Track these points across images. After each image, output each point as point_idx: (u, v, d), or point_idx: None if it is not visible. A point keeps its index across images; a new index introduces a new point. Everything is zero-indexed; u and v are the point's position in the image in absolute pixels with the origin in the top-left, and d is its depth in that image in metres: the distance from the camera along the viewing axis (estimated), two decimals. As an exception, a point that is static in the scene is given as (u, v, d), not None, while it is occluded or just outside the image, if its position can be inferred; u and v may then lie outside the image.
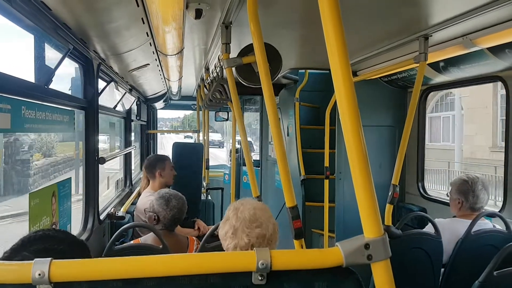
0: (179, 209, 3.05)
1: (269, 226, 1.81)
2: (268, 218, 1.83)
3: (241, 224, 1.80)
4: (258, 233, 1.78)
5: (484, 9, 2.33)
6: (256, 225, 1.79)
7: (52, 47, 2.44)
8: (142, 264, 1.03)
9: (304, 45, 3.77)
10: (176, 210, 3.03)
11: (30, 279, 0.96)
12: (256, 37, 1.90)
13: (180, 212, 3.06)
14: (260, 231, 1.79)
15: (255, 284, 1.04)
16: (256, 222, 1.80)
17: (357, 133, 1.08)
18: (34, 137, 7.65)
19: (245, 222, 1.80)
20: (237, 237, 1.80)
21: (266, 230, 1.80)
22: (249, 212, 1.82)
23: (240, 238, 1.79)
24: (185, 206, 3.12)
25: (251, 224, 1.79)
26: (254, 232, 1.78)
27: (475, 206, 3.03)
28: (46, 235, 1.40)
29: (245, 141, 2.83)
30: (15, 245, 1.36)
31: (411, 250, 2.91)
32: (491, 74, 3.41)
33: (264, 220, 1.81)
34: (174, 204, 3.04)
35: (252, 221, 1.80)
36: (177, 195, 3.12)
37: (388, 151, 4.76)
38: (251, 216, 1.81)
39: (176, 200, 3.06)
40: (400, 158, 3.16)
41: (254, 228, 1.79)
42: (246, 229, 1.79)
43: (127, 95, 5.11)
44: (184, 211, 3.11)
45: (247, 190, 7.62)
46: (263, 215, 1.83)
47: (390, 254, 1.06)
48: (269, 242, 1.80)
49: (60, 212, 2.55)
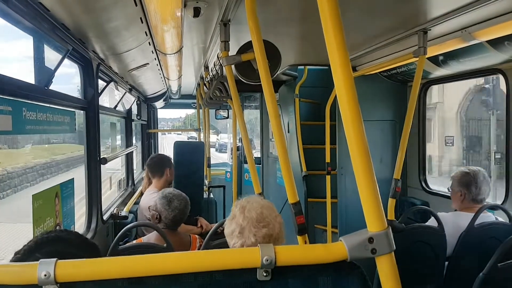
0: (180, 210, 3.04)
1: (275, 226, 1.81)
2: (274, 217, 1.83)
3: (248, 224, 1.79)
4: (265, 233, 1.78)
5: (483, 2, 2.32)
6: (263, 224, 1.79)
7: (51, 48, 2.44)
8: (147, 263, 1.03)
9: (303, 41, 3.77)
10: (177, 211, 3.03)
11: (36, 280, 0.96)
12: (254, 34, 1.90)
13: (181, 213, 3.05)
14: (267, 231, 1.78)
15: (260, 280, 1.05)
16: (263, 221, 1.79)
17: (358, 128, 1.08)
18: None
19: (252, 222, 1.79)
20: (244, 236, 1.79)
21: (273, 229, 1.79)
22: (256, 211, 1.81)
23: (247, 237, 1.78)
24: (187, 207, 3.11)
25: (258, 223, 1.79)
26: (261, 232, 1.78)
27: (477, 198, 3.03)
28: (58, 237, 1.41)
29: (246, 139, 2.83)
30: (27, 246, 1.37)
31: (414, 243, 2.92)
32: (491, 67, 3.41)
33: (271, 219, 1.81)
34: (176, 205, 3.03)
35: (259, 221, 1.79)
36: (180, 195, 3.12)
37: (389, 146, 4.76)
38: (258, 215, 1.80)
39: (178, 201, 3.06)
40: (401, 152, 3.16)
41: (261, 228, 1.78)
42: (253, 228, 1.78)
43: (127, 94, 5.11)
44: (186, 212, 3.10)
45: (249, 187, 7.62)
46: (270, 215, 1.82)
47: (394, 247, 1.07)
48: (276, 241, 1.80)
49: (63, 213, 2.56)
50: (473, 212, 2.92)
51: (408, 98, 3.38)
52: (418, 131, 4.59)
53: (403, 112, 3.56)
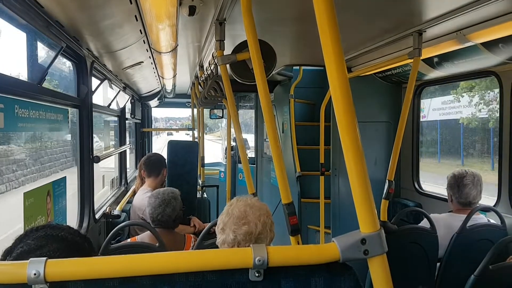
0: (167, 208, 3.01)
1: (257, 225, 1.81)
2: (258, 217, 1.83)
3: (230, 220, 1.82)
4: (245, 231, 1.79)
5: (478, 4, 2.33)
6: (244, 222, 1.80)
7: (45, 45, 2.43)
8: (138, 262, 1.02)
9: (298, 41, 3.77)
10: (162, 210, 3.00)
11: (26, 279, 0.95)
12: (250, 34, 1.90)
13: (169, 212, 3.01)
14: (247, 228, 1.79)
15: (252, 281, 1.04)
16: (244, 219, 1.81)
17: (352, 129, 1.08)
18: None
19: (234, 219, 1.82)
20: (225, 232, 1.82)
21: (253, 228, 1.80)
22: (239, 209, 1.83)
23: (228, 234, 1.81)
24: (172, 206, 3.05)
25: (239, 221, 1.81)
26: (240, 229, 1.79)
27: (461, 201, 3.05)
28: (48, 224, 1.44)
29: (240, 139, 2.82)
30: (18, 236, 1.38)
31: (407, 245, 2.93)
32: (485, 69, 3.43)
33: (253, 218, 1.81)
34: (160, 203, 3.02)
35: (240, 218, 1.81)
36: (165, 196, 3.08)
37: (383, 147, 4.78)
38: (240, 213, 1.82)
39: (160, 200, 3.03)
40: (395, 154, 3.17)
41: (241, 225, 1.80)
42: (234, 225, 1.80)
43: (121, 93, 5.09)
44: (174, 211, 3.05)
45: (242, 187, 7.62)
46: (253, 213, 1.83)
47: (387, 249, 1.06)
48: (257, 240, 1.80)
49: (55, 211, 2.54)
50: (465, 214, 2.94)
51: (403, 100, 3.39)
52: (412, 133, 4.61)
53: (398, 113, 3.57)
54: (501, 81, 3.36)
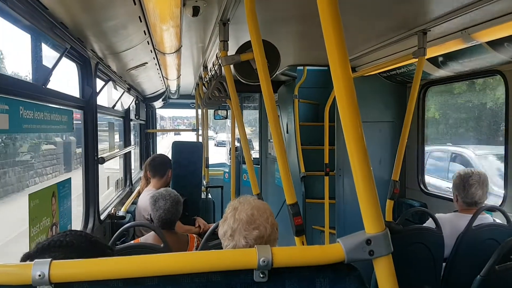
0: (165, 210, 3.00)
1: (267, 227, 1.77)
2: (266, 219, 1.79)
3: (239, 226, 1.77)
4: (256, 235, 1.75)
5: (483, 3, 2.32)
6: (254, 227, 1.76)
7: (49, 46, 2.43)
8: (143, 263, 1.02)
9: (302, 41, 3.76)
10: (162, 210, 3.00)
11: (31, 280, 0.95)
12: (254, 34, 1.89)
13: (168, 213, 3.01)
14: (258, 233, 1.75)
15: (256, 282, 1.04)
16: (254, 224, 1.76)
17: (357, 129, 1.08)
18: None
19: (243, 224, 1.76)
20: (235, 239, 1.77)
21: (264, 231, 1.77)
22: (247, 213, 1.78)
23: (238, 240, 1.76)
24: (175, 207, 3.05)
25: (249, 226, 1.76)
26: (251, 235, 1.75)
27: (466, 201, 3.03)
28: (60, 242, 1.34)
29: (245, 139, 2.82)
30: (40, 245, 1.31)
31: (412, 245, 2.91)
32: (490, 68, 3.41)
33: (262, 221, 1.78)
34: (161, 205, 3.01)
35: (249, 223, 1.76)
36: (166, 196, 3.07)
37: (388, 147, 4.76)
38: (248, 217, 1.77)
39: (163, 201, 3.03)
40: (400, 154, 3.16)
41: (252, 230, 1.75)
42: (244, 231, 1.76)
43: (125, 94, 5.10)
44: (174, 212, 3.04)
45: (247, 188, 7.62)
46: (261, 216, 1.79)
47: (392, 249, 1.06)
48: (268, 242, 1.77)
49: (60, 213, 2.55)
50: (471, 214, 2.92)
51: (408, 99, 3.38)
52: (417, 133, 4.59)
53: (402, 113, 3.56)
54: (506, 80, 3.34)
